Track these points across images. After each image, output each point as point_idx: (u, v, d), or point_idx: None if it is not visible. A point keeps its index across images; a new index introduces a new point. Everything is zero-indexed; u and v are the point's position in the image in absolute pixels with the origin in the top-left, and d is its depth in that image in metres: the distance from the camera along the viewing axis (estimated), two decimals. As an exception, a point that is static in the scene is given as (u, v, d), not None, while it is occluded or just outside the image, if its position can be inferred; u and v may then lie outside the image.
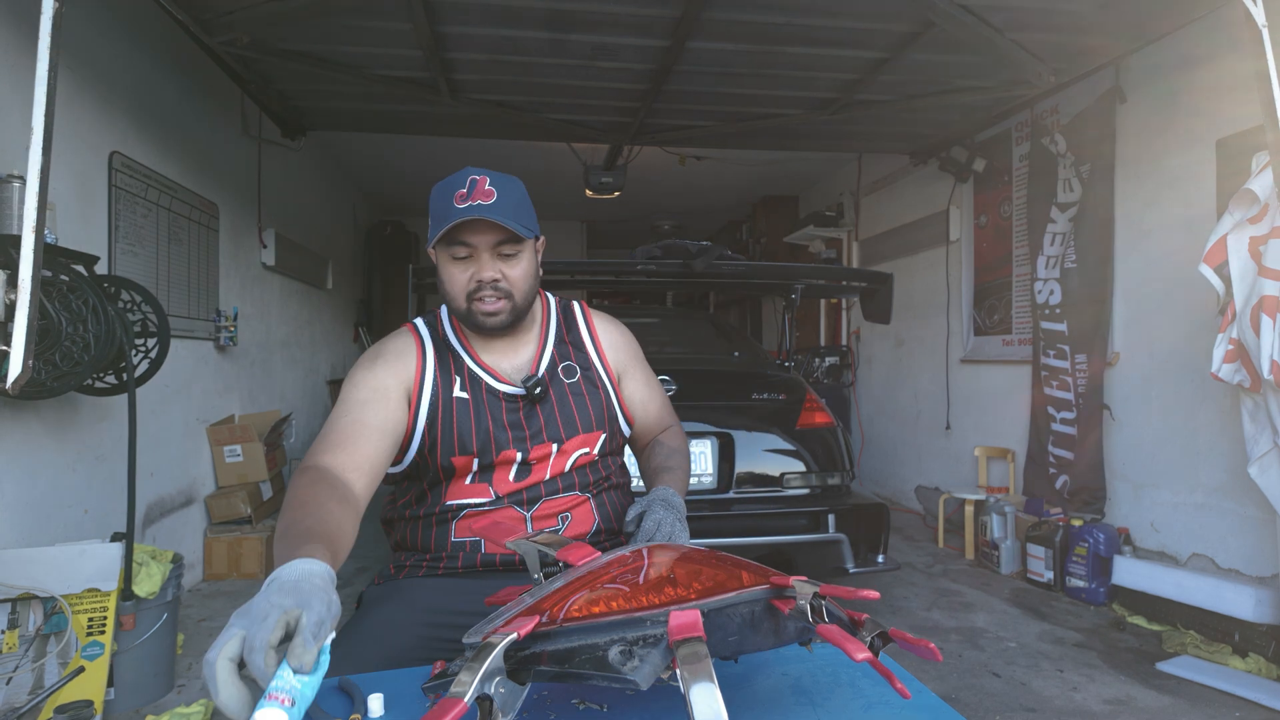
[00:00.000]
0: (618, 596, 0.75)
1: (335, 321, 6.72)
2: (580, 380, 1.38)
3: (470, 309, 1.27)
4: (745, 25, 3.19)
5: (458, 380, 1.32)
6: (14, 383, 1.56)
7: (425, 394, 1.30)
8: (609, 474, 1.40)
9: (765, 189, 7.69)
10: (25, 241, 1.55)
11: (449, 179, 1.25)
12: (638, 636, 0.71)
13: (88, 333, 2.30)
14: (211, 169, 4.03)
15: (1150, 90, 3.61)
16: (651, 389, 1.50)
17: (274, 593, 0.72)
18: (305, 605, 0.71)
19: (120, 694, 2.40)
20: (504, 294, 1.26)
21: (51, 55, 1.55)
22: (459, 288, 1.27)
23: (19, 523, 2.48)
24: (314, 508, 0.98)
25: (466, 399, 1.31)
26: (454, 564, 1.30)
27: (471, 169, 1.24)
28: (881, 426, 6.20)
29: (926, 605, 3.56)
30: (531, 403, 1.32)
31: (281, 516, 0.98)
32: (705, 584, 0.76)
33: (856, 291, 3.95)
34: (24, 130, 1.56)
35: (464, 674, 0.67)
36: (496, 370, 1.34)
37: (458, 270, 1.26)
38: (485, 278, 1.25)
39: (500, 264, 1.26)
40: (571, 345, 1.42)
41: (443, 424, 1.29)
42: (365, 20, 3.13)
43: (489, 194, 1.20)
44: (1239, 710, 2.53)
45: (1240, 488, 3.08)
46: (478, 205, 1.19)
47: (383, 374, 1.28)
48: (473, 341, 1.36)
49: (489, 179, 1.22)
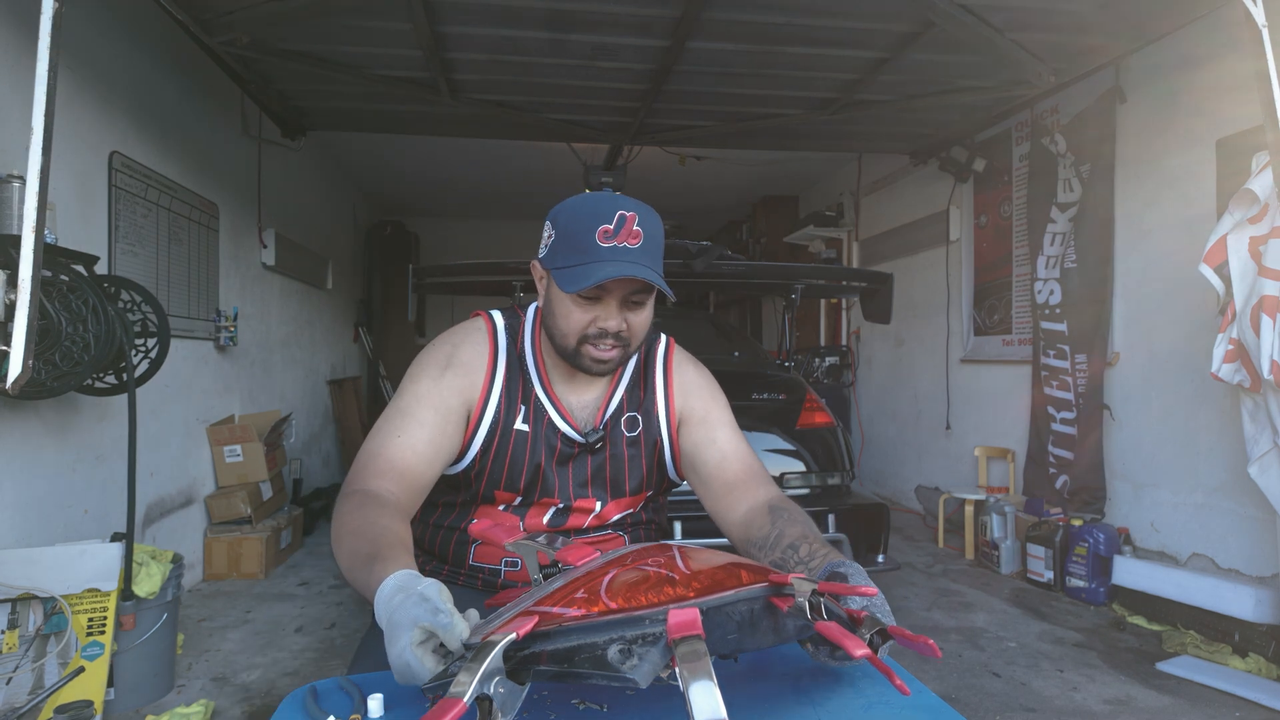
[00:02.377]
0: (616, 596, 0.75)
1: (335, 321, 6.72)
2: (640, 435, 1.27)
3: (580, 350, 1.15)
4: (745, 25, 3.19)
5: (522, 410, 1.22)
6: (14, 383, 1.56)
7: (486, 419, 1.20)
8: (650, 518, 1.35)
9: (765, 189, 7.69)
10: (25, 241, 1.55)
11: (591, 202, 1.12)
12: (636, 635, 0.71)
13: (88, 333, 2.30)
14: (211, 169, 4.03)
15: (1150, 90, 3.61)
16: (736, 443, 1.28)
17: (408, 604, 0.76)
18: (430, 608, 0.75)
19: (120, 694, 2.40)
20: (622, 343, 1.15)
21: (51, 55, 1.55)
22: (575, 327, 1.14)
23: (19, 523, 2.48)
24: (376, 530, 0.97)
25: (526, 433, 1.21)
26: (473, 581, 1.27)
27: (619, 199, 1.11)
28: (881, 426, 6.20)
29: (926, 605, 3.56)
30: (586, 452, 1.24)
31: (344, 546, 0.96)
32: (704, 582, 0.76)
33: (856, 291, 3.95)
34: (24, 130, 1.55)
35: (463, 674, 0.67)
36: (563, 405, 1.24)
37: (579, 310, 1.12)
38: (610, 327, 1.13)
39: (626, 312, 1.14)
40: (644, 389, 1.30)
41: (495, 455, 1.20)
42: (365, 20, 3.13)
43: (636, 235, 1.08)
44: (1239, 710, 2.53)
45: (1240, 488, 3.08)
46: (623, 249, 1.07)
47: (449, 390, 1.18)
48: (548, 364, 1.24)
49: (637, 216, 1.09)
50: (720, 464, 1.26)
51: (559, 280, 1.10)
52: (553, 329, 1.17)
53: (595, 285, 1.06)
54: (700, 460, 1.27)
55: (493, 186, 7.46)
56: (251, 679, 2.73)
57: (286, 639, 3.11)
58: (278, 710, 0.84)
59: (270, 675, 2.76)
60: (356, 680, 0.90)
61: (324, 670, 2.79)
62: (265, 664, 2.86)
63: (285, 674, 2.77)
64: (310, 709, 0.83)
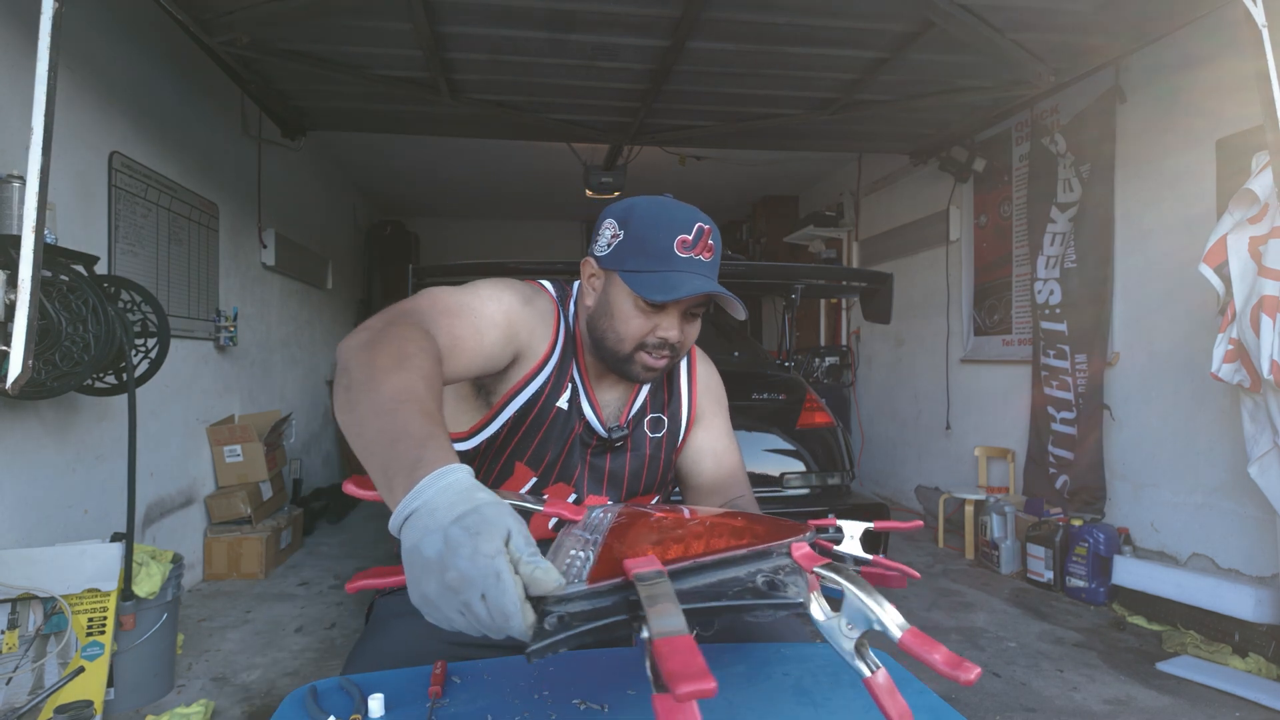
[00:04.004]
0: (720, 537, 0.79)
1: (335, 322, 6.72)
2: (664, 436, 1.27)
3: (633, 357, 1.13)
4: (745, 25, 3.19)
5: (568, 390, 1.18)
6: (14, 383, 1.56)
7: (530, 387, 1.15)
8: None
9: (765, 189, 7.69)
10: (25, 241, 1.55)
11: (668, 209, 1.11)
12: (774, 566, 0.74)
13: (87, 333, 2.30)
14: (211, 169, 4.03)
15: (1150, 90, 3.61)
16: (730, 443, 1.32)
17: (466, 520, 0.60)
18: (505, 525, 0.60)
19: (120, 694, 2.40)
20: (675, 354, 1.14)
21: (51, 55, 1.55)
22: (634, 333, 1.11)
23: (19, 523, 2.48)
24: (426, 387, 0.78)
25: (565, 411, 1.18)
26: None
27: (693, 209, 1.11)
28: (881, 426, 6.20)
29: (927, 605, 3.56)
30: (606, 448, 1.23)
31: (373, 384, 0.76)
32: (766, 525, 0.82)
33: (856, 291, 3.95)
34: (24, 130, 1.56)
35: (661, 605, 0.58)
36: (595, 398, 1.21)
37: (641, 317, 1.10)
38: (671, 337, 1.11)
39: (684, 323, 1.13)
40: (667, 391, 1.29)
41: (530, 426, 1.16)
42: (365, 20, 3.13)
43: (710, 249, 1.09)
44: (1239, 710, 2.53)
45: (1240, 488, 3.08)
46: (699, 262, 1.08)
47: (519, 322, 1.11)
48: (588, 356, 1.21)
49: (712, 230, 1.10)
50: (716, 466, 1.29)
51: (635, 285, 1.07)
52: (606, 330, 1.13)
53: (677, 298, 1.05)
54: (697, 458, 1.30)
55: (493, 186, 7.46)
56: (251, 679, 2.73)
57: (286, 639, 3.11)
58: (278, 710, 0.84)
59: (270, 675, 2.76)
60: (356, 680, 0.90)
61: (324, 670, 2.79)
62: (265, 664, 2.85)
63: (285, 674, 2.77)
64: (310, 709, 0.83)
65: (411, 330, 0.88)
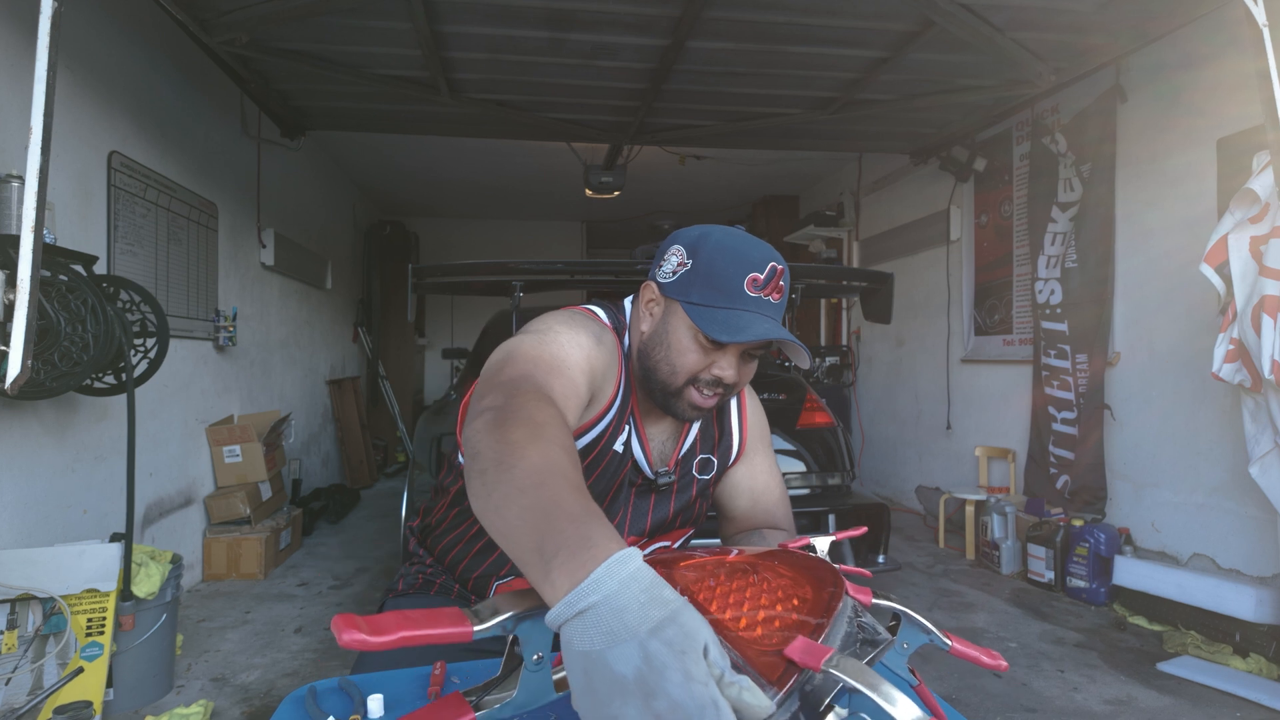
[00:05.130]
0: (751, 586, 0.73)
1: (334, 321, 6.72)
2: (710, 480, 1.22)
3: (683, 392, 1.06)
4: (745, 24, 3.19)
5: (625, 431, 1.12)
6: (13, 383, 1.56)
7: (596, 428, 1.09)
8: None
9: (765, 189, 7.69)
10: (24, 241, 1.55)
11: (743, 244, 1.03)
12: (850, 616, 0.72)
13: (86, 333, 2.30)
14: (211, 169, 4.03)
15: (1151, 90, 3.61)
16: (769, 480, 1.26)
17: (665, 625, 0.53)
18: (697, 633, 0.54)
19: (119, 694, 2.39)
20: (726, 394, 1.08)
21: (51, 55, 1.55)
22: (689, 367, 1.04)
23: (18, 523, 2.47)
24: (568, 452, 0.74)
25: (620, 454, 1.12)
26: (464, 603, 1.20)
27: (768, 247, 1.04)
28: (882, 426, 6.20)
29: (927, 605, 3.55)
30: (650, 489, 1.17)
31: (513, 439, 0.72)
32: (790, 574, 0.76)
33: (857, 291, 3.95)
34: (23, 130, 1.55)
35: (888, 696, 0.55)
36: (645, 436, 1.15)
37: (698, 353, 1.04)
38: (727, 377, 1.05)
39: (741, 364, 1.06)
40: (718, 429, 1.23)
41: (587, 467, 1.08)
42: (365, 20, 3.13)
43: (780, 290, 1.03)
44: (1239, 710, 2.52)
45: (1241, 488, 3.08)
46: (767, 303, 1.02)
47: (596, 364, 1.05)
48: (640, 392, 1.14)
49: (785, 271, 1.04)
50: (751, 504, 1.24)
51: (699, 319, 1.01)
52: (660, 361, 1.07)
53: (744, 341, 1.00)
54: (734, 494, 1.25)
55: (493, 186, 7.46)
56: (251, 679, 2.72)
57: (286, 639, 3.10)
58: (277, 711, 0.84)
59: (270, 676, 2.75)
60: (356, 680, 0.90)
61: (324, 670, 2.79)
62: (265, 664, 2.85)
63: (285, 674, 2.76)
64: (310, 709, 0.83)
65: (535, 399, 0.82)
